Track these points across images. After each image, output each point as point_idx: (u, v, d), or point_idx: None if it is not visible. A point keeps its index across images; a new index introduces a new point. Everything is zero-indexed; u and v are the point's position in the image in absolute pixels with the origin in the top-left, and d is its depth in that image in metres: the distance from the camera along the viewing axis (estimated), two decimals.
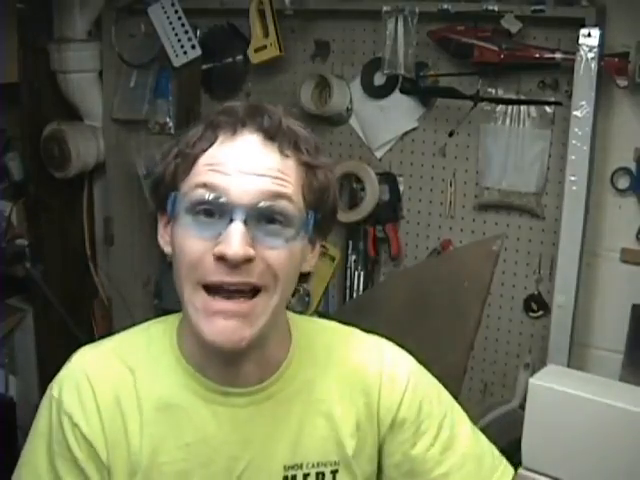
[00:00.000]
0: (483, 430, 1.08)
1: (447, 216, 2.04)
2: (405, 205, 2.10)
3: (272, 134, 0.90)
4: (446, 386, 1.01)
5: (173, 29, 2.17)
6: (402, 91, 2.02)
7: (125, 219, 2.50)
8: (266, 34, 2.04)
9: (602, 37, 1.70)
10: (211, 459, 0.95)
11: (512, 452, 1.15)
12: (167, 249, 0.95)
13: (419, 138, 2.05)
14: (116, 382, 0.95)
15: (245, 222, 0.85)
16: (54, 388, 0.96)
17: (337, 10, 2.04)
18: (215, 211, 0.87)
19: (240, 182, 0.87)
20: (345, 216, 2.10)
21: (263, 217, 0.87)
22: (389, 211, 2.09)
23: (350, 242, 2.16)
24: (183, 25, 2.17)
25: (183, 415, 0.95)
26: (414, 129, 2.04)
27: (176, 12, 2.16)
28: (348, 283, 2.17)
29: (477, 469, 1.02)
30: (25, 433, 1.00)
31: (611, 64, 1.71)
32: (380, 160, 2.10)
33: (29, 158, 2.43)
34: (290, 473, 0.96)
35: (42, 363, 2.52)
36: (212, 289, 0.87)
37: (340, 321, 1.10)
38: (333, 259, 2.18)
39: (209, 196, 0.87)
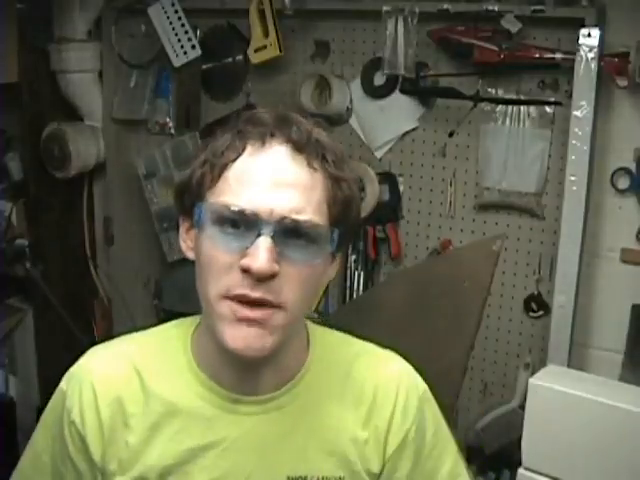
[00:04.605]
0: (483, 430, 1.08)
1: (447, 216, 2.04)
2: (405, 205, 2.09)
3: (300, 146, 0.90)
4: (446, 386, 1.01)
5: (173, 29, 2.17)
6: (402, 91, 2.02)
7: (125, 219, 2.50)
8: (266, 34, 2.04)
9: (602, 37, 1.70)
10: (214, 464, 0.95)
11: (512, 452, 1.15)
12: (190, 254, 0.96)
13: (419, 138, 2.05)
14: (121, 384, 0.96)
15: (272, 237, 0.86)
16: (64, 381, 1.00)
17: (337, 10, 2.04)
18: (242, 224, 0.87)
19: (268, 197, 0.87)
20: None
21: (290, 232, 0.87)
22: (389, 211, 2.09)
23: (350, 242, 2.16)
24: (183, 25, 2.17)
25: (189, 420, 0.95)
26: (414, 129, 2.04)
27: (176, 12, 2.16)
28: (348, 283, 2.17)
29: None
30: (25, 433, 1.02)
31: (611, 64, 1.71)
32: (380, 160, 2.10)
33: (29, 158, 2.43)
34: None
35: (42, 363, 2.52)
36: (236, 298, 0.88)
37: (340, 322, 1.10)
38: None
39: (237, 210, 0.87)
